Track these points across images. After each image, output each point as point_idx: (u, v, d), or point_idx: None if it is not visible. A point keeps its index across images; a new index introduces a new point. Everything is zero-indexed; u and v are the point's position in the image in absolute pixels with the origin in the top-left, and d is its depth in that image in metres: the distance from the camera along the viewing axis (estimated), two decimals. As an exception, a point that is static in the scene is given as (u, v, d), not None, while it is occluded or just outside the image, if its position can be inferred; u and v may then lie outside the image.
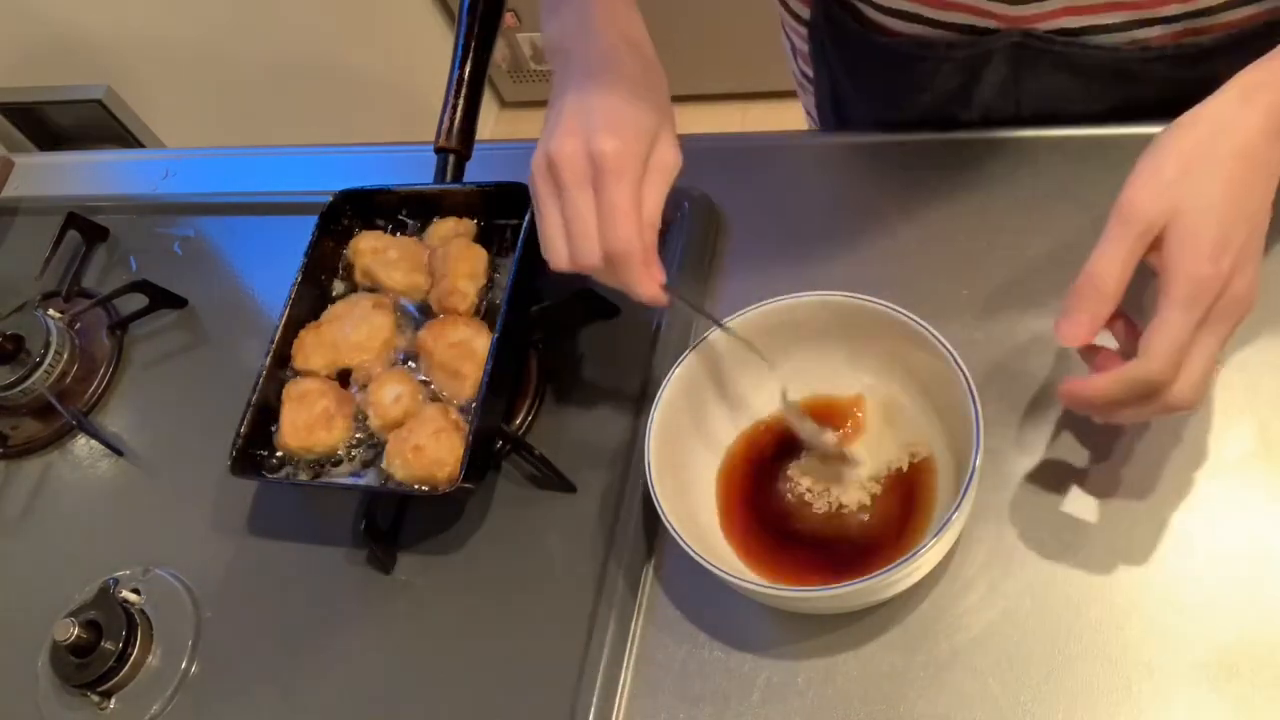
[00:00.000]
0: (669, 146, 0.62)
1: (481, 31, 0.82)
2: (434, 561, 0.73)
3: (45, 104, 1.13)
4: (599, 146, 0.58)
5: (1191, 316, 0.52)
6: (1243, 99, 0.54)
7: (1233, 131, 0.53)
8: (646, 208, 0.60)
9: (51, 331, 0.88)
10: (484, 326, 0.76)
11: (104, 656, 0.72)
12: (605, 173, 0.59)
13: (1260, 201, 0.53)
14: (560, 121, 0.61)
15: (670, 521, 0.59)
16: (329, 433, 0.74)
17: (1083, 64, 0.72)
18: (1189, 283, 0.51)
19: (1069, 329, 0.54)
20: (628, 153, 0.59)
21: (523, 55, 2.28)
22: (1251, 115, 0.53)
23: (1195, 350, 0.52)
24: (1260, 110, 0.53)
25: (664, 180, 0.61)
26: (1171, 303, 0.52)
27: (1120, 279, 0.53)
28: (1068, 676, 0.59)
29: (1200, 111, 0.54)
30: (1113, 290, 0.53)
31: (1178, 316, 0.52)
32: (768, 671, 0.63)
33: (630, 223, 0.59)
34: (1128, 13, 0.68)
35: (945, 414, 0.63)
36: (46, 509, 0.85)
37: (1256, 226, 0.53)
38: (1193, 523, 0.61)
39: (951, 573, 0.63)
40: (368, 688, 0.70)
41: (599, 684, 0.64)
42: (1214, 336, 0.53)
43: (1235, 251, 0.52)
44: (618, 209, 0.58)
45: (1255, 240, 0.53)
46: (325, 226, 0.82)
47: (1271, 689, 0.56)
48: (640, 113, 0.60)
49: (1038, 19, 0.69)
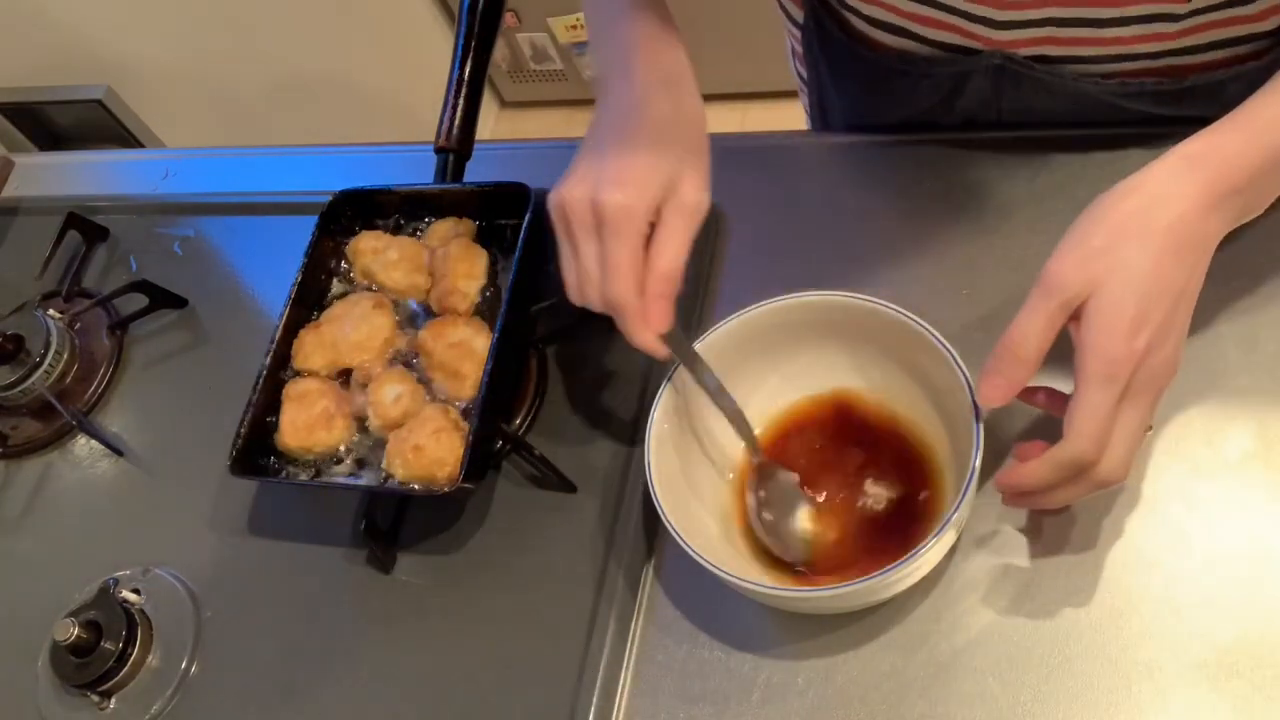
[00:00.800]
0: (693, 189, 0.61)
1: (481, 31, 0.82)
2: (434, 561, 0.73)
3: (45, 104, 1.14)
4: (602, 199, 0.59)
5: (1110, 394, 0.52)
6: (1183, 169, 0.53)
7: (1169, 203, 0.53)
8: (664, 256, 0.60)
9: (51, 331, 0.88)
10: (484, 326, 0.76)
11: (104, 656, 0.72)
12: (606, 226, 0.59)
13: (1189, 275, 0.53)
14: (576, 167, 0.62)
15: (670, 521, 0.59)
16: (329, 433, 0.74)
17: (1062, 92, 0.72)
18: (1103, 361, 0.52)
19: (987, 390, 0.55)
20: (632, 208, 0.59)
21: (523, 55, 2.28)
22: (1190, 187, 0.53)
23: (1118, 426, 0.53)
24: (1199, 183, 0.53)
25: (685, 225, 0.60)
26: (1088, 381, 0.52)
27: (1039, 347, 0.54)
28: (1068, 676, 0.59)
29: (1138, 180, 0.54)
30: (1030, 357, 0.54)
31: (1096, 395, 0.52)
32: (768, 671, 0.63)
33: (625, 280, 0.59)
34: (1107, 47, 0.68)
35: (945, 414, 0.63)
36: (46, 509, 0.85)
37: (1183, 300, 0.53)
38: (1192, 523, 0.61)
39: (951, 573, 0.63)
40: (368, 687, 0.70)
41: (599, 684, 0.64)
42: (1136, 410, 0.53)
43: (1153, 328, 0.52)
44: (615, 266, 0.59)
45: (1180, 314, 0.54)
46: (325, 226, 0.82)
47: (1271, 689, 0.56)
48: (658, 160, 0.60)
49: (1020, 44, 0.69)
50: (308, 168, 1.01)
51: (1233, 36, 0.67)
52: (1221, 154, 0.54)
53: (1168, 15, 0.64)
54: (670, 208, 0.60)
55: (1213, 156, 0.54)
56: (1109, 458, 0.53)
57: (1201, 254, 0.54)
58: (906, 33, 0.73)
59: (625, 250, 0.59)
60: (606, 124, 0.63)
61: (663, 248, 0.60)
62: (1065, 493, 0.56)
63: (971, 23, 0.69)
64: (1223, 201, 0.54)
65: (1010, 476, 0.57)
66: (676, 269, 0.60)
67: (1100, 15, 0.65)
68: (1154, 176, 0.54)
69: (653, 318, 0.60)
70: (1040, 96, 0.73)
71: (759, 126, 2.26)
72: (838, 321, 0.65)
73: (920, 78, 0.75)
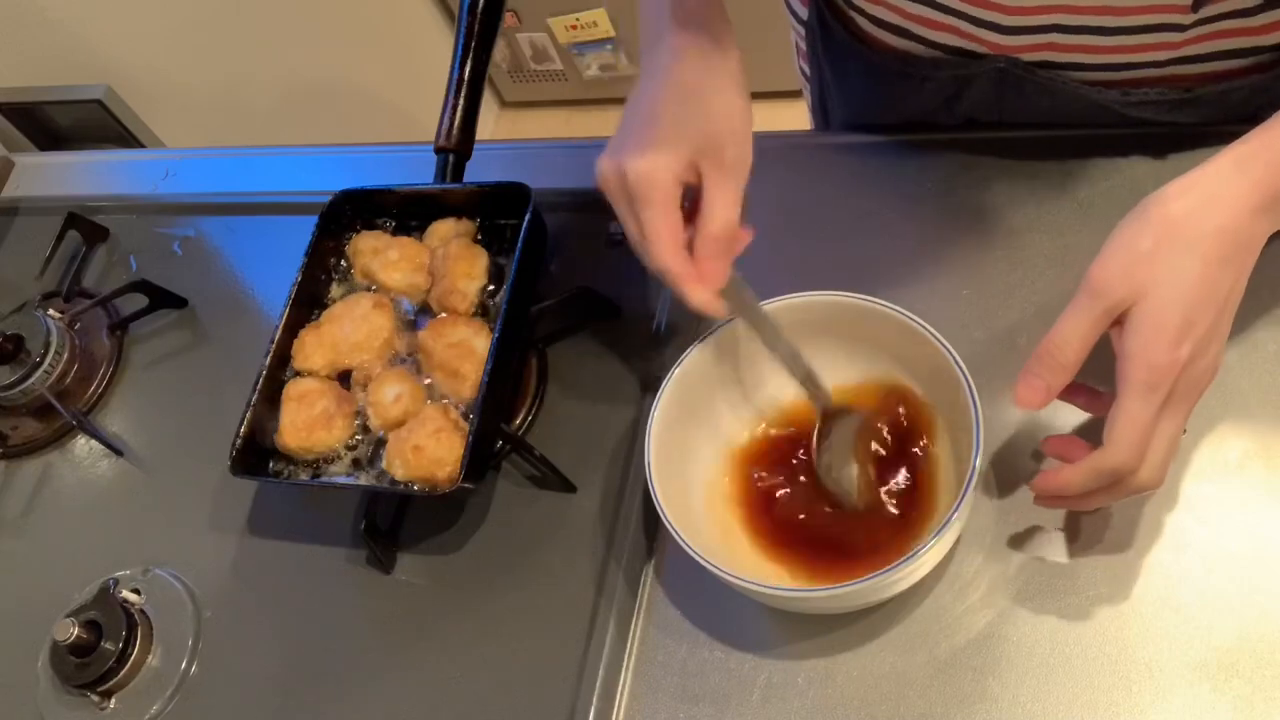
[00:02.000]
0: (732, 145, 0.60)
1: (481, 31, 0.82)
2: (434, 561, 0.73)
3: (45, 104, 1.13)
4: (626, 167, 0.59)
5: (1151, 404, 0.52)
6: (1233, 171, 0.53)
7: (1217, 207, 0.52)
8: (710, 219, 0.59)
9: (51, 331, 0.88)
10: (484, 326, 0.76)
11: (104, 656, 0.72)
12: (635, 199, 0.59)
13: (1235, 279, 0.53)
14: (614, 137, 0.61)
15: (669, 520, 0.59)
16: (329, 433, 0.74)
17: (1065, 97, 0.72)
18: (1147, 370, 0.51)
19: (1025, 393, 0.55)
20: (654, 174, 0.58)
21: (523, 55, 2.28)
22: (1242, 188, 0.52)
23: (1157, 435, 0.53)
24: (1248, 185, 0.52)
25: (727, 183, 0.59)
26: (1130, 390, 0.52)
27: (1080, 351, 0.53)
28: (1068, 676, 0.59)
29: (1187, 182, 0.53)
30: (1071, 361, 0.54)
31: (1138, 405, 0.52)
32: (768, 671, 0.63)
33: (663, 246, 0.59)
34: (1112, 55, 0.68)
35: (946, 413, 0.63)
36: (46, 509, 0.85)
37: (1227, 305, 0.53)
38: (1192, 523, 0.61)
39: (951, 573, 0.63)
40: (368, 687, 0.70)
41: (599, 684, 0.64)
42: (1175, 418, 0.53)
43: (1198, 336, 0.51)
44: (653, 234, 0.59)
45: (1224, 320, 0.53)
46: (325, 226, 0.82)
47: (1271, 689, 0.56)
48: (684, 123, 0.60)
49: (1024, 49, 0.69)
50: (308, 168, 1.01)
51: (1238, 48, 0.66)
52: (1271, 154, 0.53)
53: (1173, 25, 0.64)
54: (709, 166, 0.59)
55: (1262, 156, 0.53)
56: (1148, 465, 0.53)
57: (1248, 257, 0.53)
58: (910, 34, 0.73)
59: (658, 217, 0.58)
60: (640, 91, 0.63)
61: (708, 209, 0.59)
62: (1101, 497, 0.55)
63: (976, 27, 0.69)
64: (1273, 204, 0.53)
65: (1050, 482, 0.56)
66: (724, 229, 0.59)
67: (1106, 24, 0.65)
68: (1203, 179, 0.53)
69: (706, 277, 0.59)
70: (1042, 101, 0.73)
71: (760, 126, 2.25)
72: (838, 321, 0.65)
73: (922, 80, 0.75)
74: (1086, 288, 0.53)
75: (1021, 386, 0.55)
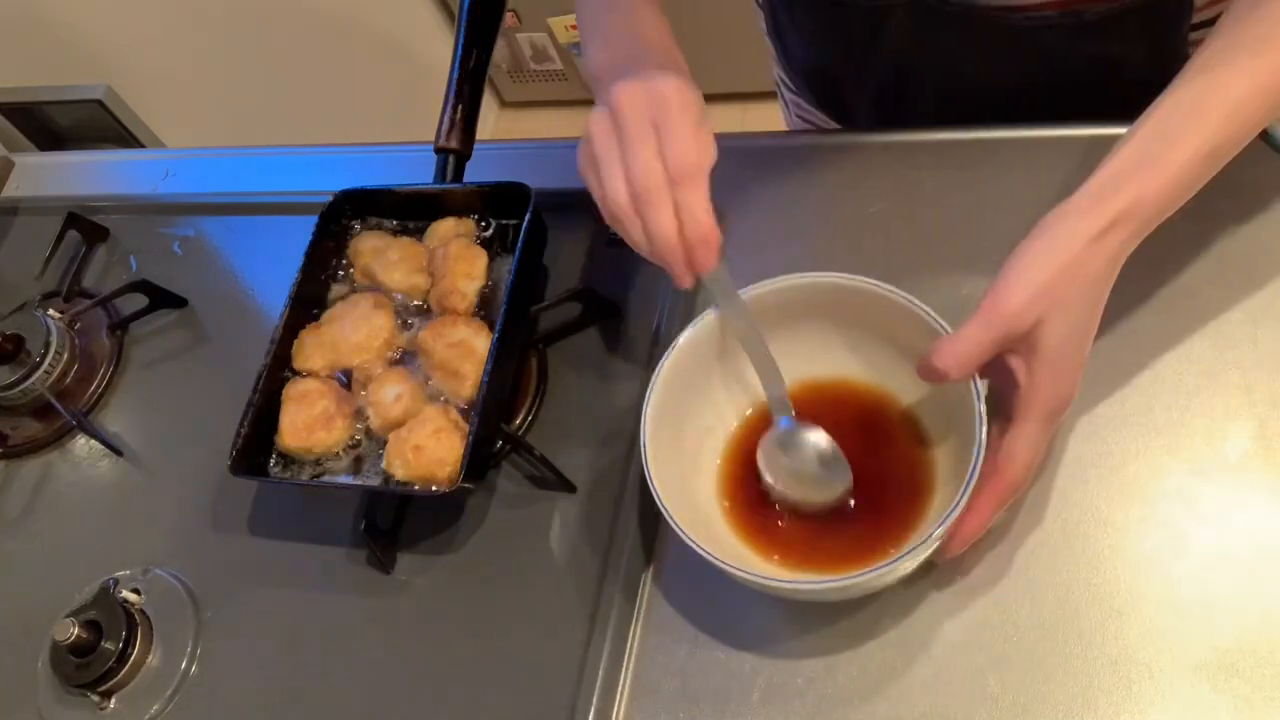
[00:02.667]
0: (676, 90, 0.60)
1: (481, 31, 0.82)
2: (434, 561, 0.73)
3: (45, 104, 1.13)
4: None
5: (1051, 429, 0.57)
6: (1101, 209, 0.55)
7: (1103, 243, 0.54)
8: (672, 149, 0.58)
9: (51, 331, 0.88)
10: (484, 326, 0.76)
11: (104, 656, 0.72)
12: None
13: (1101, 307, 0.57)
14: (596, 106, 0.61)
15: (666, 508, 0.59)
16: (329, 433, 0.74)
17: (975, 27, 0.73)
18: (1057, 400, 0.56)
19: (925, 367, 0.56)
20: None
21: (523, 55, 2.28)
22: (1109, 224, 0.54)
23: None
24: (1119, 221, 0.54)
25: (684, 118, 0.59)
26: (1037, 417, 0.56)
27: (976, 366, 0.56)
28: (1068, 676, 0.59)
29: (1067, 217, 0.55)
30: (968, 372, 0.56)
31: (1041, 431, 0.56)
32: (768, 671, 0.63)
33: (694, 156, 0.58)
34: None
35: (947, 407, 0.63)
36: (46, 509, 0.85)
37: None
38: (1192, 523, 0.61)
39: (951, 572, 0.63)
40: (368, 688, 0.70)
41: (599, 684, 0.64)
42: None
43: (1084, 365, 0.56)
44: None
45: None
46: (325, 226, 0.82)
47: (1271, 689, 0.56)
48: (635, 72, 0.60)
49: None
50: (308, 168, 1.01)
51: None
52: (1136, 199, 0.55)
53: None
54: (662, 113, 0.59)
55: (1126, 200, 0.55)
56: None
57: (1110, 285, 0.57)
58: None
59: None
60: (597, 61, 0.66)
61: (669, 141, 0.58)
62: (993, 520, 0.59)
63: None
64: (1138, 234, 0.56)
65: (965, 534, 0.57)
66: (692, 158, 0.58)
67: None
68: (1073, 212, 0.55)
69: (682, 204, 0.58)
70: (954, 37, 0.75)
71: (759, 126, 2.26)
72: (835, 304, 0.64)
73: (844, 6, 0.78)
74: (990, 313, 0.55)
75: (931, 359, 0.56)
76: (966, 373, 0.55)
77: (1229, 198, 0.68)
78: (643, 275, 0.80)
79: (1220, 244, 0.69)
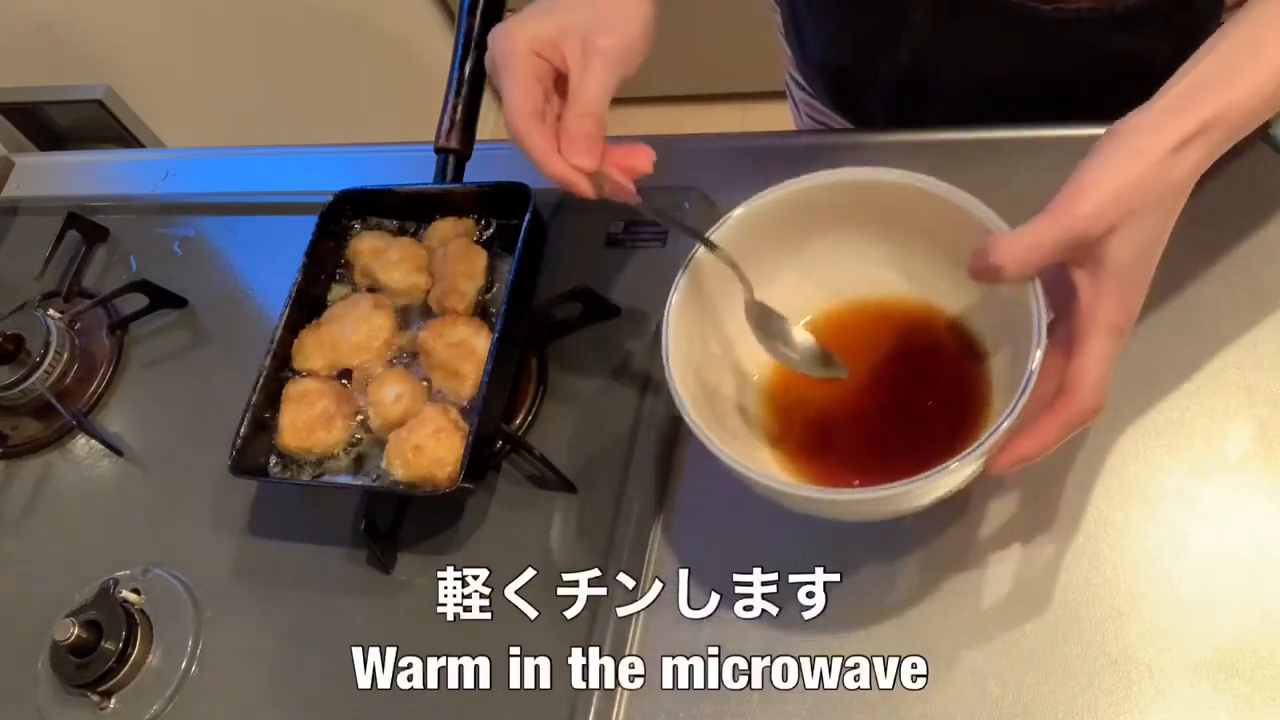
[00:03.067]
0: (609, 35, 0.60)
1: (481, 31, 0.82)
2: (434, 561, 0.73)
3: (45, 104, 1.13)
4: (490, 41, 0.62)
5: (1119, 346, 0.52)
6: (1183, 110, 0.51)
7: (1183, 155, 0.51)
8: (575, 94, 0.60)
9: (51, 331, 0.88)
10: (484, 326, 0.76)
11: (104, 656, 0.72)
12: (495, 70, 0.62)
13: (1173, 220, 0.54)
14: None
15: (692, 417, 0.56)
16: (329, 433, 0.74)
17: (1001, 19, 0.71)
18: (1126, 316, 0.52)
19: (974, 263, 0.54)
20: (511, 45, 0.60)
21: (523, 55, 2.28)
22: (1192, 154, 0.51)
23: None
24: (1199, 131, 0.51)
25: (594, 64, 0.60)
26: (1104, 333, 0.52)
27: (1040, 266, 0.52)
28: (1068, 676, 0.59)
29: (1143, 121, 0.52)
30: (1031, 271, 0.53)
31: (1110, 348, 0.52)
32: (768, 671, 0.63)
33: (511, 112, 0.59)
34: None
35: (1001, 313, 0.57)
36: (46, 509, 0.85)
37: None
38: (1192, 523, 0.61)
39: (951, 572, 0.63)
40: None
41: (599, 684, 0.64)
42: None
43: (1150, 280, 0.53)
44: (505, 103, 0.60)
45: None
46: (325, 226, 0.82)
47: (1271, 689, 0.56)
48: (563, 11, 0.61)
49: None
50: (308, 168, 1.01)
51: None
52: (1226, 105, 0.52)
53: None
54: (571, 47, 0.60)
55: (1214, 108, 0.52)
56: None
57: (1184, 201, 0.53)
58: None
59: (513, 86, 0.60)
60: None
61: (570, 89, 0.60)
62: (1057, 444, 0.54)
63: None
64: (1219, 147, 0.52)
65: (1021, 453, 0.53)
66: (585, 106, 0.59)
67: None
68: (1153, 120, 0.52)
69: (569, 150, 0.59)
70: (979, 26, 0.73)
71: (759, 126, 2.26)
72: (872, 206, 0.59)
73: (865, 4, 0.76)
74: (1064, 216, 0.51)
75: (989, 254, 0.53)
76: (1026, 273, 0.52)
77: (1229, 198, 0.68)
78: (643, 275, 0.80)
79: (1220, 244, 0.69)
